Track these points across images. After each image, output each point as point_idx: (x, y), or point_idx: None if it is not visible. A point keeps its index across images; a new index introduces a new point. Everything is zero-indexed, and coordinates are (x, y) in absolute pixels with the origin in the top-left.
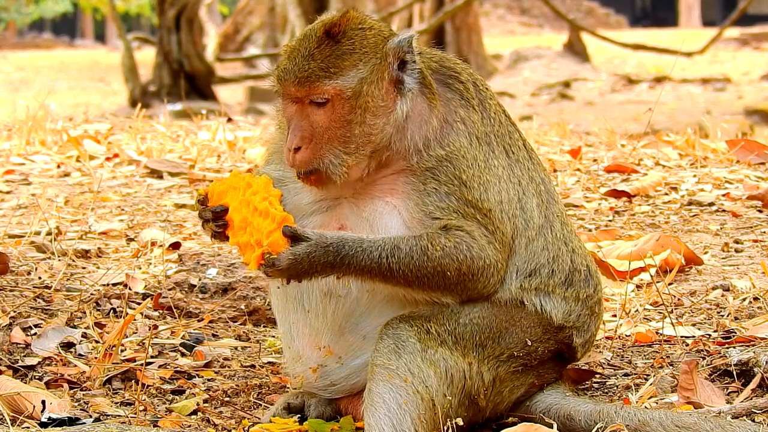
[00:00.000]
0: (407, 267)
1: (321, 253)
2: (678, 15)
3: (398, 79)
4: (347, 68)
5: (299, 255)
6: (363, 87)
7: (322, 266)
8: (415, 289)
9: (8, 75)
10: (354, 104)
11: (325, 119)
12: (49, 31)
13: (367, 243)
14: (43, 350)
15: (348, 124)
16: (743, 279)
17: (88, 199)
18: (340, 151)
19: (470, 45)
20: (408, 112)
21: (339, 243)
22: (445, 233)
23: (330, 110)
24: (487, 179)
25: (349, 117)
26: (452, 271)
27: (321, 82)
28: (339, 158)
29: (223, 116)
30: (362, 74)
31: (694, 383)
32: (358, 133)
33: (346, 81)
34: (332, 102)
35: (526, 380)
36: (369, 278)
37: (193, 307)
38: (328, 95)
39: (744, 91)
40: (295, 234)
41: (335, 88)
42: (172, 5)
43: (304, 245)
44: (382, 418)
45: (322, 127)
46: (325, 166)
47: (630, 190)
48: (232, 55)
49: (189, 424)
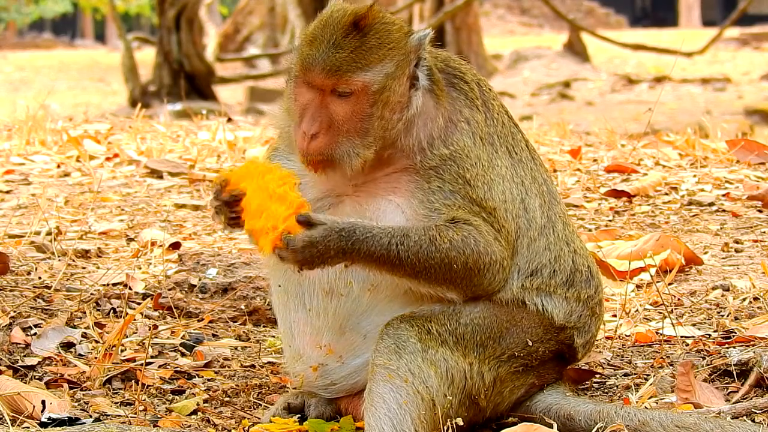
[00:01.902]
0: (415, 256)
1: (335, 237)
2: (678, 15)
3: (414, 75)
4: (375, 62)
5: (315, 238)
6: (387, 82)
7: (335, 251)
8: (421, 281)
9: (8, 75)
10: (377, 98)
11: (347, 111)
12: (49, 31)
13: (377, 229)
14: (43, 350)
15: (369, 118)
16: (743, 279)
17: (88, 199)
18: (358, 143)
19: (470, 45)
20: (420, 108)
21: (351, 228)
22: (454, 226)
23: (353, 102)
24: (491, 179)
25: (370, 110)
26: (459, 264)
27: (350, 74)
28: (356, 150)
29: (223, 116)
30: (388, 69)
31: (692, 385)
32: (377, 127)
33: (374, 75)
34: (356, 95)
35: (526, 380)
36: (377, 267)
37: (193, 307)
38: (355, 87)
39: (744, 91)
40: (310, 220)
41: (364, 82)
42: (172, 5)
43: (320, 229)
44: (382, 418)
45: (343, 118)
46: (339, 156)
47: (630, 190)
48: (232, 55)
49: (189, 424)
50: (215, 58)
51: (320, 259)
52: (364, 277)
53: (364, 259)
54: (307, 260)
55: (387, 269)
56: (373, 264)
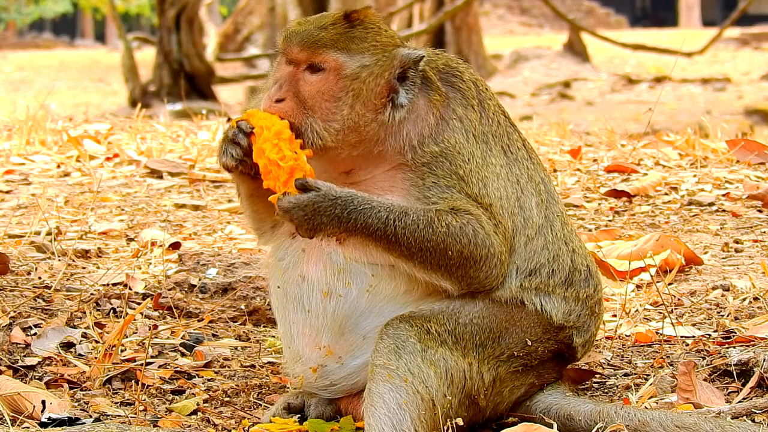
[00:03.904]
0: (412, 235)
1: (327, 204)
2: (678, 15)
3: (393, 88)
4: (354, 51)
5: (302, 201)
6: (362, 73)
7: (328, 218)
8: (416, 264)
9: (8, 75)
10: (348, 85)
11: (315, 87)
12: (49, 31)
13: (376, 202)
14: (43, 350)
15: (336, 101)
16: (743, 279)
17: (88, 199)
18: (320, 123)
19: (470, 45)
20: (401, 118)
21: (348, 197)
22: (454, 213)
23: (323, 80)
24: (485, 175)
25: (339, 94)
26: (454, 251)
27: (325, 50)
28: (316, 128)
29: (223, 116)
30: (366, 62)
31: (693, 384)
32: (345, 116)
33: (349, 60)
34: (327, 73)
35: (526, 380)
36: (373, 242)
37: (193, 307)
38: (326, 65)
39: (744, 91)
40: (305, 185)
41: (336, 61)
42: (172, 5)
43: (311, 194)
44: (382, 418)
45: (309, 93)
46: (304, 127)
47: (630, 190)
48: (232, 55)
49: (189, 424)
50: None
51: (310, 224)
52: (362, 278)
53: (361, 231)
54: (301, 225)
55: (383, 246)
56: (369, 238)
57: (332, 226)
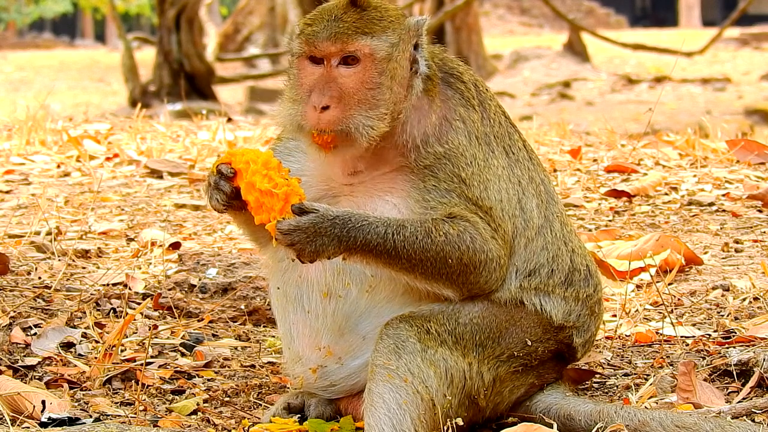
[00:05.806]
0: (411, 246)
1: (327, 224)
2: (678, 15)
3: (414, 58)
4: (378, 32)
5: (302, 223)
6: (393, 52)
7: (329, 239)
8: (417, 275)
9: (8, 75)
10: (384, 67)
11: (356, 80)
12: (49, 31)
13: (373, 218)
14: (43, 350)
15: (379, 87)
16: (743, 279)
17: (88, 199)
18: (371, 114)
19: (470, 45)
20: (418, 95)
21: (346, 216)
22: (450, 221)
23: (361, 71)
24: (487, 178)
25: (379, 80)
26: (454, 259)
27: (356, 38)
28: (369, 121)
29: (223, 116)
30: (392, 40)
31: (693, 384)
32: (387, 100)
33: (379, 42)
34: (363, 62)
35: (526, 380)
36: (374, 258)
37: (193, 307)
38: (361, 54)
39: (744, 91)
40: (302, 208)
41: (370, 47)
42: (172, 5)
43: (310, 216)
44: (382, 418)
45: (353, 89)
46: (354, 128)
47: (630, 190)
48: (232, 55)
49: (189, 424)
50: (215, 58)
51: (312, 246)
52: (362, 279)
53: (361, 248)
54: (298, 246)
55: (383, 261)
56: (370, 255)
57: (333, 246)
